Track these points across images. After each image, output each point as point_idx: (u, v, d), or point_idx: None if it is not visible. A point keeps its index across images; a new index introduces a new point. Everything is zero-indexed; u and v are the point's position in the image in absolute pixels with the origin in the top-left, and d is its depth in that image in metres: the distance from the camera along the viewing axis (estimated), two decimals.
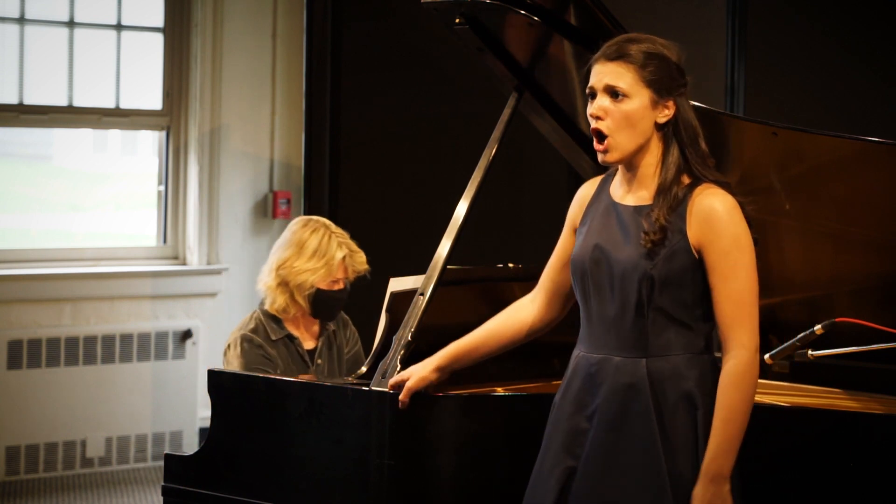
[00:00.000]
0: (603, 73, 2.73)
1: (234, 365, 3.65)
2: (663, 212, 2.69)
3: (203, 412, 6.14)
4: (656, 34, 2.81)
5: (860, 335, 3.19)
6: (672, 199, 2.70)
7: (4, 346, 5.77)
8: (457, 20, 3.34)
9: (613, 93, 2.71)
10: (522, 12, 3.23)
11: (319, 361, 3.80)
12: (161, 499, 3.47)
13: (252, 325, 3.74)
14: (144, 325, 6.11)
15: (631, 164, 2.76)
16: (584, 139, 3.61)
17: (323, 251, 3.73)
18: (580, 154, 3.64)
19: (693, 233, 2.68)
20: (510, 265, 3.78)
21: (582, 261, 2.78)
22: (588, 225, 2.82)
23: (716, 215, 2.68)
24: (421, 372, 2.98)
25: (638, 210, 2.74)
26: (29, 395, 5.83)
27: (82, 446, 5.97)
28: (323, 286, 3.72)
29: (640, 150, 2.74)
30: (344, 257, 3.75)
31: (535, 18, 3.23)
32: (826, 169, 3.23)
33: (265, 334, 3.72)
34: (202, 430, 6.16)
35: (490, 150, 3.35)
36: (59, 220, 8.76)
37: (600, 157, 2.75)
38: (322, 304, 3.75)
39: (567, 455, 2.76)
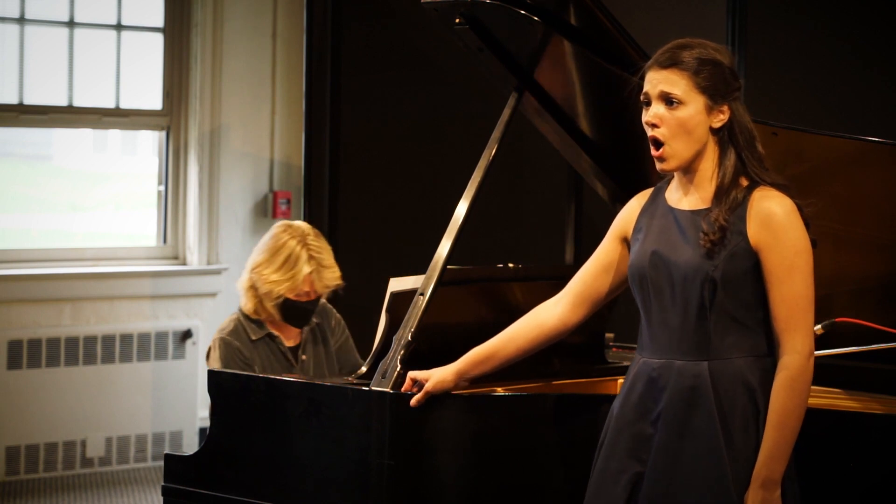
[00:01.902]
0: (657, 81, 2.73)
1: (214, 368, 3.65)
2: (723, 212, 2.69)
3: (203, 412, 6.15)
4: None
5: (860, 335, 3.19)
6: (731, 201, 2.70)
7: (4, 346, 5.77)
8: (457, 20, 3.34)
9: (668, 100, 2.71)
10: (522, 12, 3.23)
11: (304, 357, 3.79)
12: (161, 499, 3.47)
13: (231, 328, 3.74)
14: (144, 325, 6.11)
15: (688, 169, 2.76)
16: (585, 139, 3.61)
17: (291, 264, 3.71)
18: (580, 154, 3.64)
19: (752, 234, 2.68)
20: (510, 265, 3.78)
21: (641, 266, 2.78)
22: (644, 231, 2.82)
23: (775, 219, 2.68)
24: (441, 376, 2.98)
25: (696, 213, 2.74)
26: (29, 395, 5.83)
27: (82, 446, 5.97)
28: (290, 296, 3.72)
29: (697, 155, 2.74)
30: (311, 272, 3.71)
31: (535, 18, 3.23)
32: (826, 169, 3.23)
33: (245, 335, 3.73)
34: (202, 430, 6.16)
35: (490, 150, 3.35)
36: (59, 220, 8.75)
37: (658, 165, 2.75)
38: (291, 312, 3.75)
39: (634, 461, 2.76)
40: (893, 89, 5.17)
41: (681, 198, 2.79)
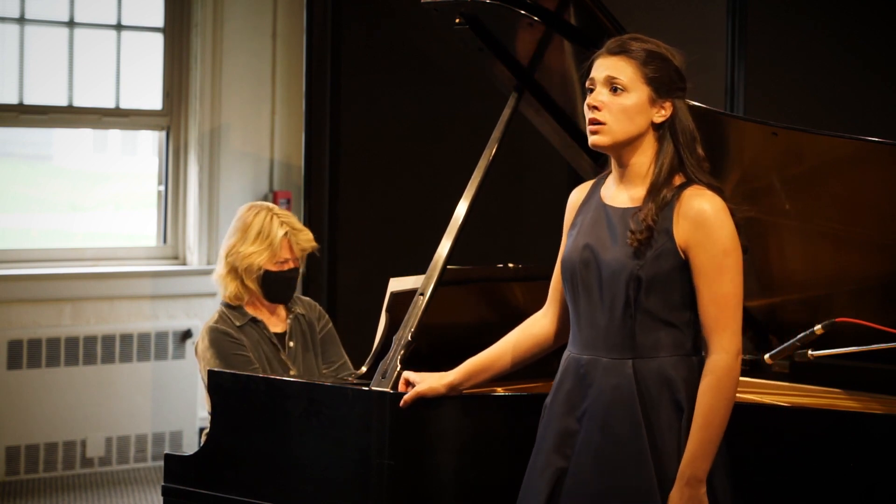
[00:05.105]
0: (604, 67, 2.74)
1: (207, 358, 3.69)
2: (651, 212, 2.69)
3: (203, 412, 6.14)
4: (656, 34, 2.82)
5: (860, 335, 3.19)
6: (661, 200, 2.70)
7: (4, 346, 5.77)
8: (457, 20, 3.34)
9: (613, 86, 2.72)
10: (522, 12, 3.23)
11: (292, 344, 3.82)
12: (161, 499, 3.47)
13: (215, 318, 3.79)
14: (144, 325, 6.11)
15: (622, 160, 2.76)
16: (585, 139, 3.61)
17: (266, 232, 3.78)
18: (580, 154, 3.64)
19: (680, 233, 2.68)
20: (510, 265, 3.78)
21: (572, 262, 2.78)
22: (578, 227, 2.82)
23: (704, 217, 2.67)
24: (434, 383, 2.99)
25: (627, 211, 2.74)
26: (29, 395, 5.83)
27: (82, 446, 5.97)
28: (271, 267, 3.76)
29: (633, 144, 2.74)
30: (286, 234, 3.79)
31: (535, 18, 3.23)
32: (826, 169, 3.23)
33: (230, 322, 3.76)
34: (202, 430, 6.16)
35: (490, 150, 3.35)
36: (59, 220, 8.76)
37: (591, 138, 2.75)
38: (273, 286, 3.79)
39: (558, 456, 2.77)
40: (893, 89, 5.17)
41: (614, 194, 2.79)
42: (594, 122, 2.73)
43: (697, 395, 2.66)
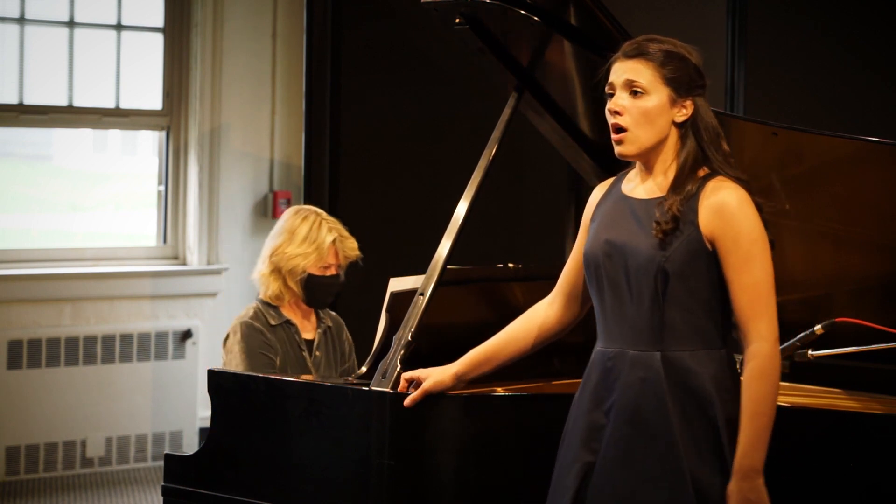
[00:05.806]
0: (622, 70, 2.73)
1: (234, 351, 3.70)
2: (676, 201, 2.68)
3: (203, 412, 6.14)
4: (656, 34, 2.82)
5: (860, 335, 3.19)
6: (686, 192, 2.69)
7: (4, 346, 5.77)
8: (457, 20, 3.34)
9: (632, 89, 2.71)
10: (522, 12, 3.23)
11: (318, 353, 3.83)
12: (161, 499, 3.47)
13: (251, 313, 3.80)
14: (144, 325, 6.11)
15: (648, 161, 2.77)
16: (585, 139, 3.62)
17: (314, 237, 3.78)
18: (580, 154, 3.64)
19: (704, 224, 2.67)
20: (510, 265, 3.78)
21: (595, 255, 2.77)
22: (599, 220, 2.81)
23: (727, 208, 2.67)
24: (439, 376, 2.98)
25: (650, 202, 2.73)
26: (29, 395, 5.83)
27: (82, 446, 5.97)
28: (315, 271, 3.78)
29: (657, 147, 2.74)
30: (334, 241, 3.80)
31: (535, 18, 3.23)
32: (826, 169, 3.23)
33: (265, 320, 3.78)
34: (202, 430, 6.16)
35: (490, 150, 3.35)
36: (59, 220, 8.75)
37: (617, 149, 2.74)
38: (314, 290, 3.80)
39: (586, 450, 2.75)
40: (893, 89, 5.18)
41: (636, 186, 2.79)
42: (617, 128, 2.73)
43: (742, 385, 2.64)
